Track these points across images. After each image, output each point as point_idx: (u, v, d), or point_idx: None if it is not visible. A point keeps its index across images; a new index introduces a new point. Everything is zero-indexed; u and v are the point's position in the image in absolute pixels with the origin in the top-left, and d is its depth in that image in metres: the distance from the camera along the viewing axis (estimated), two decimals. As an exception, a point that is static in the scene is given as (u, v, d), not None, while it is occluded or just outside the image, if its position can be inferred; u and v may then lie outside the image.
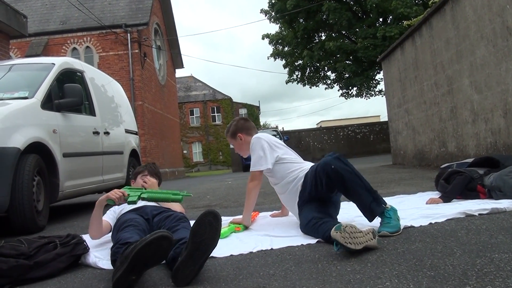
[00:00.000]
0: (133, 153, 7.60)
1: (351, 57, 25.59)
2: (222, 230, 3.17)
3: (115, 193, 2.81)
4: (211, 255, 2.55)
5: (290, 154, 3.48)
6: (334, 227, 2.31)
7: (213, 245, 2.14)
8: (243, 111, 48.19)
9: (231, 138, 3.78)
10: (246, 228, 3.46)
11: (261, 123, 54.48)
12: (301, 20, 26.49)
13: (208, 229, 2.10)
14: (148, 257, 1.99)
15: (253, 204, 3.47)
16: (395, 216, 2.84)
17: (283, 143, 3.58)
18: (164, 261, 2.27)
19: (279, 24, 28.83)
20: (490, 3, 6.59)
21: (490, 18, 6.60)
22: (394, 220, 2.81)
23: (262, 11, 28.62)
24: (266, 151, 3.37)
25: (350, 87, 28.15)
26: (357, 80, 25.50)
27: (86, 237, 2.91)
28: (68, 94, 5.25)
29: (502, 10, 6.26)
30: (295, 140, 28.76)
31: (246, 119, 3.86)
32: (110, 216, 3.15)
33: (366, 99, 29.53)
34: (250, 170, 3.44)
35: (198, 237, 2.08)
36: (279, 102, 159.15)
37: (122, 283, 2.00)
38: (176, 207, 3.23)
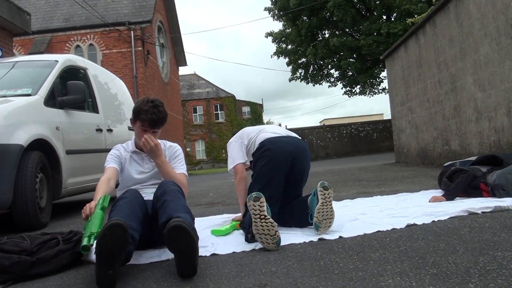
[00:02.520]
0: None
1: (354, 55, 25.57)
2: (224, 228, 3.19)
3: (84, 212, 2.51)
4: (214, 252, 2.57)
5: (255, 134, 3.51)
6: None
7: (193, 242, 2.12)
8: (246, 109, 48.19)
9: None
10: None
11: (265, 121, 54.44)
12: (304, 17, 26.46)
13: (182, 238, 2.10)
14: (108, 247, 2.00)
15: (242, 197, 3.47)
16: None
17: (257, 127, 3.63)
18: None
19: (282, 22, 28.81)
20: (494, 1, 6.57)
21: (494, 15, 6.58)
22: None
23: (266, 8, 28.61)
24: (232, 152, 3.55)
25: (353, 85, 28.14)
26: (361, 78, 25.49)
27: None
28: (71, 91, 5.25)
29: (506, 8, 6.24)
30: (298, 138, 28.64)
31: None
32: (116, 161, 3.10)
33: (370, 97, 29.50)
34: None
35: (176, 248, 2.12)
36: (283, 100, 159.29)
37: (102, 279, 2.02)
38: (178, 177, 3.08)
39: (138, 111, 3.06)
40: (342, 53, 25.61)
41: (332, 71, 29.02)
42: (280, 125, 45.91)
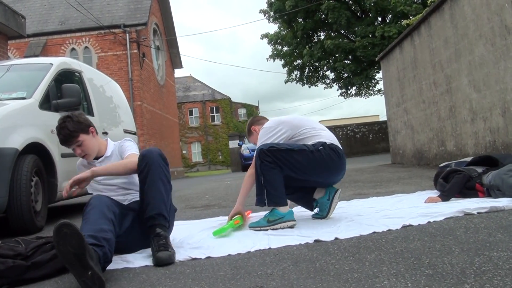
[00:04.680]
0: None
1: (350, 56, 25.62)
2: (221, 227, 3.20)
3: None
4: (209, 255, 2.56)
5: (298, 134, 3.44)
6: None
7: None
8: (242, 111, 48.24)
9: (249, 137, 3.91)
10: (243, 219, 3.52)
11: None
12: (300, 19, 26.50)
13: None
14: (67, 249, 1.99)
15: (245, 190, 3.53)
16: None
17: (315, 122, 3.59)
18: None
19: (278, 24, 28.85)
20: (488, 2, 6.59)
21: (489, 17, 6.60)
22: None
23: (261, 11, 28.62)
24: (270, 138, 3.39)
25: (349, 87, 28.19)
26: (356, 80, 25.53)
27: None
28: (66, 94, 5.24)
29: (500, 9, 6.26)
30: (294, 139, 28.62)
31: (255, 115, 4.05)
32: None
33: (365, 98, 29.56)
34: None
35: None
36: (280, 102, 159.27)
37: (86, 282, 1.99)
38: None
39: None
40: (337, 55, 25.65)
41: (328, 72, 29.08)
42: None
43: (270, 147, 3.20)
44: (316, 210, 3.57)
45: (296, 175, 3.27)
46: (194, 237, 3.12)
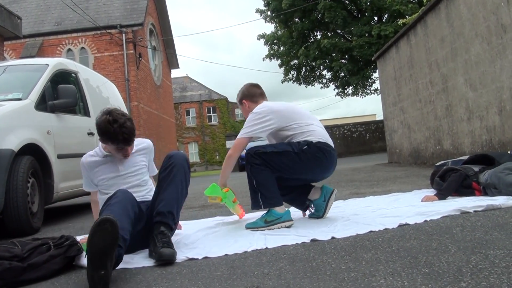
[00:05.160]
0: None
1: (346, 56, 25.65)
2: (212, 186, 3.48)
3: None
4: (205, 255, 2.56)
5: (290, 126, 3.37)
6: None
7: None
8: (239, 111, 48.11)
9: (239, 104, 3.79)
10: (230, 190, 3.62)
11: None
12: (296, 19, 26.51)
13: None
14: (100, 244, 1.99)
15: (225, 170, 3.57)
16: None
17: (303, 113, 3.53)
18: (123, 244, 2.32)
19: (274, 24, 28.85)
20: (484, 1, 6.60)
21: (485, 15, 6.61)
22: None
23: (257, 10, 28.59)
24: (257, 125, 3.34)
25: (345, 86, 28.20)
26: (353, 79, 25.54)
27: (80, 238, 2.90)
28: (62, 95, 5.23)
29: (496, 8, 6.27)
30: (292, 139, 28.62)
31: (254, 84, 3.78)
32: (91, 183, 3.23)
33: (362, 97, 29.58)
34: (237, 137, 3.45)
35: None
36: (277, 101, 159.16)
37: (96, 280, 2.00)
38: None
39: (105, 133, 2.84)
40: (333, 54, 25.68)
41: (324, 72, 29.12)
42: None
43: (256, 151, 3.24)
44: (311, 209, 3.59)
45: (285, 175, 3.33)
46: (190, 238, 3.11)
